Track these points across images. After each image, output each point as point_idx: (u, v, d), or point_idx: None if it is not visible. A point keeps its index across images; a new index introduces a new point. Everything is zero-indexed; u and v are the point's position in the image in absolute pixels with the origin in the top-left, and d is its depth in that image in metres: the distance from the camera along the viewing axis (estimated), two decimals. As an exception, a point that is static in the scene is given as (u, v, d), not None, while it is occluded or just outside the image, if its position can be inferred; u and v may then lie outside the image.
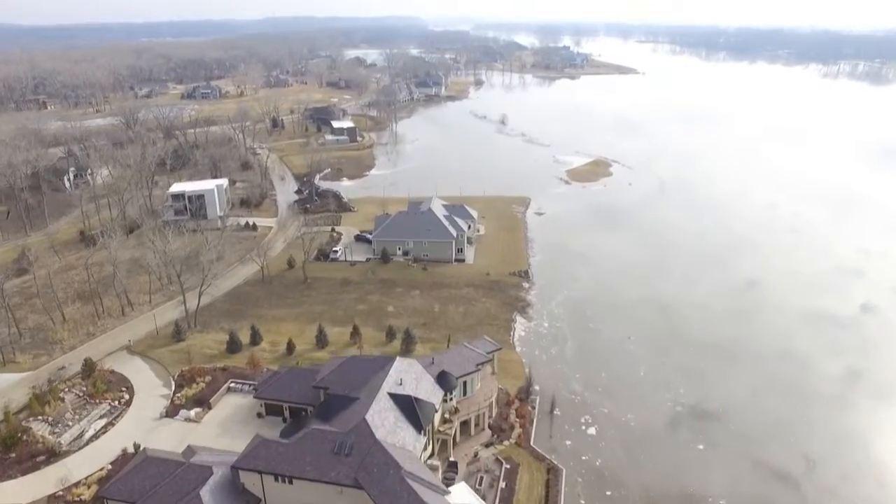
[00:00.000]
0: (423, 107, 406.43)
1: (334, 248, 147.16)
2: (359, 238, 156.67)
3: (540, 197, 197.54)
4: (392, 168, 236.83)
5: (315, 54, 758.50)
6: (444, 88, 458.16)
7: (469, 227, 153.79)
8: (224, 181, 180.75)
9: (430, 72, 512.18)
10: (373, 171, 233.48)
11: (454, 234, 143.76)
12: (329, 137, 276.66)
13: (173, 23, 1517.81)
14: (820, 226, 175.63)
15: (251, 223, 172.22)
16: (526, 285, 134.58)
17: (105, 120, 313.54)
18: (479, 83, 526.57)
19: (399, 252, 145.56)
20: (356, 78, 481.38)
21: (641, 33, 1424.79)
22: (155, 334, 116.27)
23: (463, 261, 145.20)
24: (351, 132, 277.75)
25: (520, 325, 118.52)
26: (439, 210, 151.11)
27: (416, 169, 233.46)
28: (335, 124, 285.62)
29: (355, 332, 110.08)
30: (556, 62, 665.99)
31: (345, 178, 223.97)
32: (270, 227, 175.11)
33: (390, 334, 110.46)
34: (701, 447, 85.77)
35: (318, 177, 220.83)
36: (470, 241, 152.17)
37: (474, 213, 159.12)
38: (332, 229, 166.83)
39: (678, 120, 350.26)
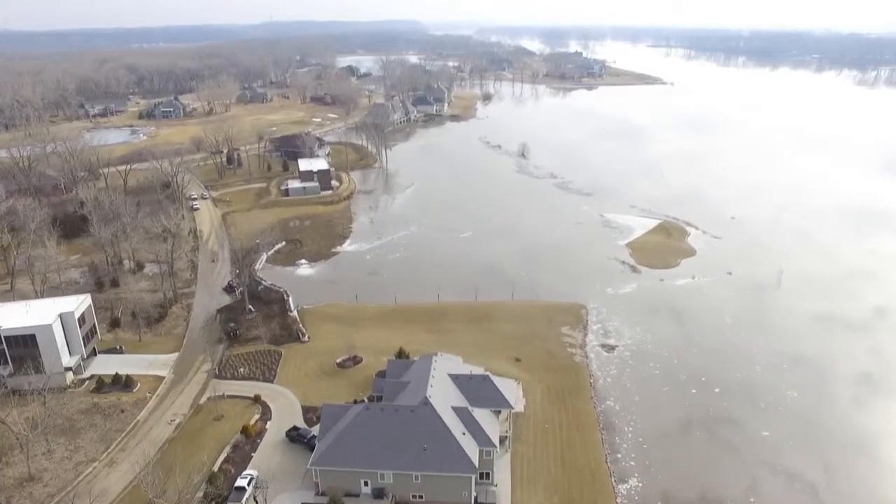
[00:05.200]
0: (423, 128, 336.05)
1: (238, 482, 74.86)
2: (294, 438, 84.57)
3: (600, 303, 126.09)
4: (375, 239, 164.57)
5: (305, 62, 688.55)
6: (446, 105, 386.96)
7: (500, 414, 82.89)
8: (82, 301, 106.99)
9: (430, 84, 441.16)
10: (346, 246, 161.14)
11: (474, 458, 72.35)
12: (293, 185, 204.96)
13: (169, 28, 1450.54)
14: None
15: (124, 377, 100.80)
16: None
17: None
18: (486, 97, 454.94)
19: (366, 489, 74.07)
20: (345, 92, 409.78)
21: (649, 37, 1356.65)
22: None
23: (492, 507, 73.78)
24: (323, 177, 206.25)
25: None
26: (445, 394, 79.36)
27: (408, 243, 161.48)
28: (303, 165, 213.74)
29: None
30: (571, 71, 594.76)
31: (303, 260, 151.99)
32: (161, 379, 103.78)
33: None
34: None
35: (262, 259, 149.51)
36: (504, 442, 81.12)
37: (509, 390, 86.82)
38: (257, 398, 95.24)
39: (741, 145, 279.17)
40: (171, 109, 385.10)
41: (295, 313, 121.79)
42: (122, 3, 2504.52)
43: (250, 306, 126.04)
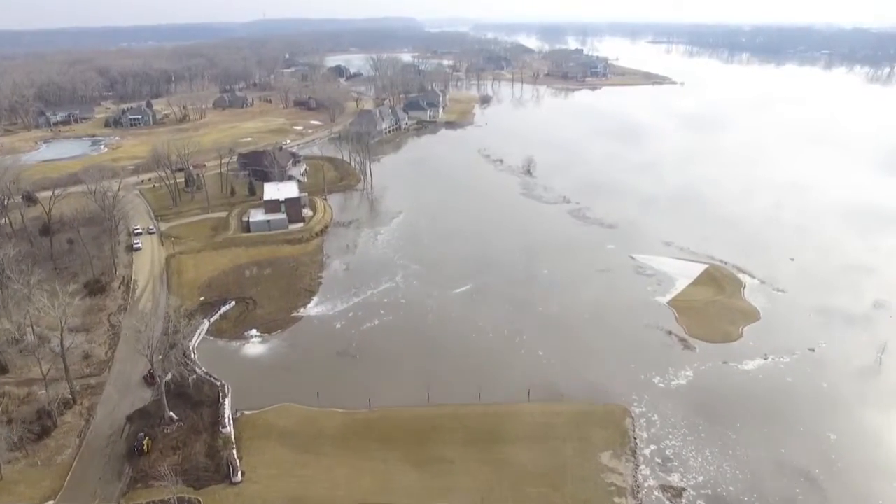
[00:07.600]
0: (415, 137, 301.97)
1: None
2: None
3: (648, 405, 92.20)
4: (350, 296, 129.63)
5: (293, 62, 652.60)
6: (441, 110, 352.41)
7: None
8: None
9: (424, 86, 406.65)
10: (311, 308, 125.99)
11: None
12: (255, 217, 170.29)
13: (161, 26, 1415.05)
14: None
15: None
16: None
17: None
18: (485, 100, 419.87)
19: None
20: (331, 95, 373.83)
21: (649, 33, 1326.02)
22: None
23: None
24: (292, 206, 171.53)
25: None
26: None
27: (390, 303, 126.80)
28: (269, 192, 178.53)
29: None
30: (573, 69, 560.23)
31: (254, 331, 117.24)
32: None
33: None
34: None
35: (202, 331, 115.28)
36: None
37: None
38: None
39: (782, 156, 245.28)
40: (140, 116, 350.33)
41: (230, 428, 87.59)
42: (114, 1, 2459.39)
43: (171, 413, 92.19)
